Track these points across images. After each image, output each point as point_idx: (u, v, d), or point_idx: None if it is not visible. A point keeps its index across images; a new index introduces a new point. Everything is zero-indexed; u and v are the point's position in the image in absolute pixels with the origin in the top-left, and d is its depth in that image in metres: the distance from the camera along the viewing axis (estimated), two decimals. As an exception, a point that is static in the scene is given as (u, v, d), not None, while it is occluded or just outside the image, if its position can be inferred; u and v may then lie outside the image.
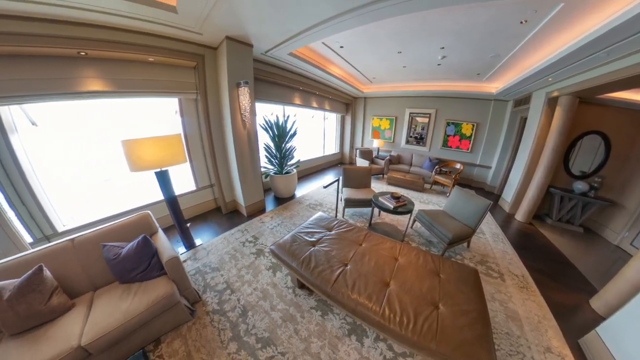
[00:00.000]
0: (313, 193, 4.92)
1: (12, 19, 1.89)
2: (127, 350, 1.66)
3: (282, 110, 5.20)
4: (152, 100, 3.19)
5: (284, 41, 2.95)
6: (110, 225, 2.06)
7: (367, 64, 4.46)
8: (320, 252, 2.03)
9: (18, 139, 2.40)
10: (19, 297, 1.50)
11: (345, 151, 8.24)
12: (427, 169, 5.88)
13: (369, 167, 4.15)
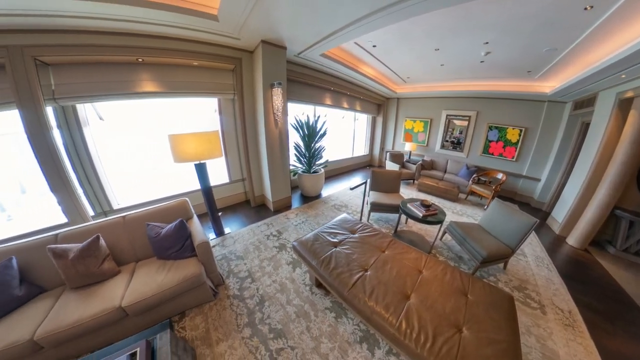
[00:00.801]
0: (339, 194, 4.91)
1: (87, 33, 2.30)
2: (156, 317, 1.89)
3: (313, 111, 5.28)
4: (195, 99, 3.56)
5: (316, 42, 3.01)
6: (154, 208, 2.36)
7: (401, 63, 4.29)
8: (341, 254, 2.01)
9: (89, 131, 2.93)
10: (79, 259, 1.82)
11: (374, 153, 8.03)
12: (463, 177, 5.38)
13: (399, 172, 4.00)
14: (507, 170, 5.32)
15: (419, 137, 6.81)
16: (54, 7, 1.90)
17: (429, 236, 3.31)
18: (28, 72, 2.21)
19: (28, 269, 1.84)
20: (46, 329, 1.53)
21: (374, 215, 3.87)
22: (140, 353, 1.28)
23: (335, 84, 5.03)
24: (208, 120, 3.79)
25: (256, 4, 2.09)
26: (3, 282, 1.66)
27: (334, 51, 3.77)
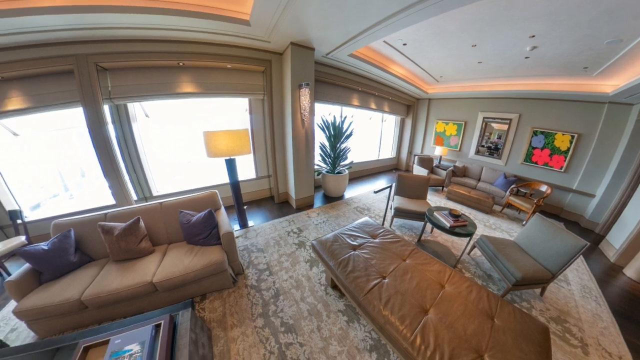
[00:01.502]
0: (362, 196, 4.84)
1: (138, 42, 2.67)
2: (181, 296, 2.06)
3: (340, 111, 5.28)
4: (228, 99, 3.82)
5: (345, 43, 3.02)
6: (187, 197, 2.59)
7: (433, 61, 4.08)
8: (360, 257, 1.98)
9: (137, 126, 3.35)
10: (122, 236, 2.09)
11: (402, 157, 7.71)
12: (499, 187, 4.89)
13: (427, 177, 3.81)
14: (553, 182, 4.67)
15: (451, 141, 6.37)
16: (113, 20, 2.22)
17: (456, 249, 3.09)
18: (91, 76, 2.63)
19: (82, 240, 2.16)
20: (91, 292, 1.79)
21: (397, 222, 3.74)
22: (164, 325, 1.41)
23: (363, 84, 4.97)
24: (239, 119, 4.01)
25: (286, 8, 2.17)
26: (62, 248, 1.98)
27: (363, 51, 3.73)
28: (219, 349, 1.72)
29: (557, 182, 4.64)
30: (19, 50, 2.37)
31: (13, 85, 2.62)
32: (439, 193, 5.33)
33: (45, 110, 2.80)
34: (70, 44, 2.46)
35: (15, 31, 2.13)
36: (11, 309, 1.82)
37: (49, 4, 1.91)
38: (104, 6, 2.00)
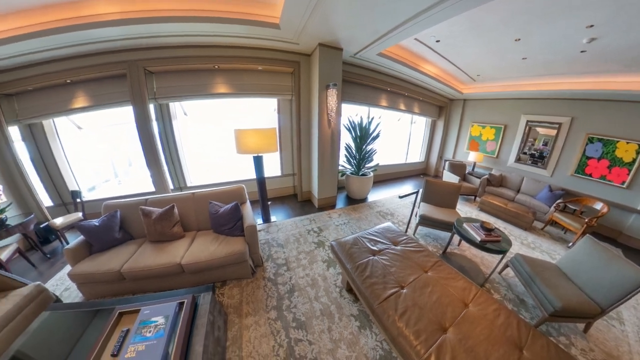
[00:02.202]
0: (386, 201, 4.70)
1: (179, 48, 2.99)
2: (204, 280, 2.22)
3: (367, 112, 5.18)
4: (258, 99, 4.03)
5: (373, 42, 2.98)
6: (216, 189, 2.78)
7: (469, 58, 3.79)
8: (379, 263, 1.92)
9: (176, 123, 3.73)
10: (159, 220, 2.33)
11: (431, 161, 7.26)
12: (542, 201, 4.34)
13: (458, 185, 3.57)
14: (611, 199, 3.94)
15: (488, 147, 5.83)
16: (159, 30, 2.54)
17: (485, 266, 2.82)
18: (140, 79, 3.03)
19: (125, 220, 2.47)
20: (129, 266, 2.04)
21: (421, 230, 3.56)
22: (187, 304, 1.52)
23: (392, 84, 4.81)
24: (268, 118, 4.19)
25: (314, 10, 2.21)
26: (109, 226, 2.29)
27: (392, 49, 3.62)
28: (232, 333, 1.82)
29: (617, 200, 3.95)
30: (83, 59, 2.83)
31: (78, 88, 3.11)
32: (471, 203, 4.94)
33: (102, 108, 3.26)
34: (123, 52, 2.88)
35: (81, 42, 2.55)
36: (66, 272, 2.14)
37: (108, 18, 2.23)
38: (153, 17, 2.27)
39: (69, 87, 3.08)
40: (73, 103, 3.15)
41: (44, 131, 3.42)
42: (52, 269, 2.66)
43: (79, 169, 3.81)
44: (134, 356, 1.20)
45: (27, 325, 1.63)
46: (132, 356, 1.20)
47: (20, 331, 1.60)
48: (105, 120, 3.91)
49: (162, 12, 2.28)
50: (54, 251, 3.03)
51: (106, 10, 2.23)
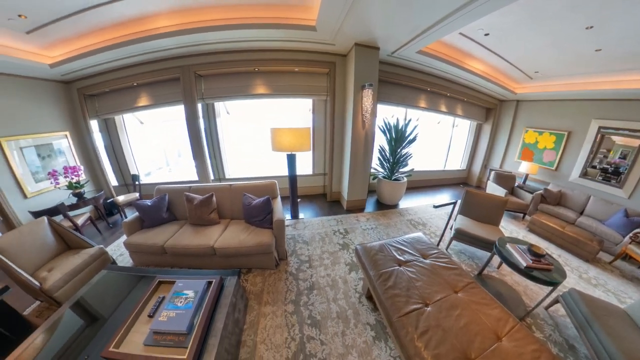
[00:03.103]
0: (419, 209, 4.43)
1: (224, 53, 3.33)
2: (232, 264, 2.41)
3: (404, 113, 4.96)
4: (294, 100, 4.20)
5: (412, 39, 2.85)
6: (251, 183, 2.99)
7: (525, 53, 3.33)
8: (404, 275, 1.81)
9: (219, 121, 4.13)
10: (199, 206, 2.61)
11: (474, 170, 6.52)
12: (614, 229, 3.49)
13: (505, 199, 3.18)
14: None
15: (545, 157, 4.97)
16: (208, 38, 2.86)
17: (529, 297, 2.38)
18: (190, 81, 3.49)
19: (172, 203, 2.82)
20: (171, 242, 2.35)
21: (455, 245, 3.25)
22: (214, 284, 1.65)
23: (433, 83, 4.51)
24: (302, 117, 4.33)
25: (350, 10, 2.21)
26: (159, 207, 2.66)
27: (433, 46, 3.39)
28: (250, 318, 1.91)
29: None
30: (146, 65, 3.42)
31: (142, 89, 3.75)
32: (518, 221, 4.33)
33: (160, 107, 3.85)
34: (178, 58, 3.36)
35: (145, 52, 3.07)
36: (122, 241, 2.58)
37: (166, 30, 2.63)
38: (203, 27, 2.59)
39: (135, 89, 3.73)
40: (137, 102, 3.79)
41: (115, 125, 4.21)
42: (112, 237, 3.26)
43: (139, 157, 4.61)
44: (165, 320, 1.34)
45: (89, 278, 1.99)
46: (164, 320, 1.35)
47: (84, 282, 1.97)
48: (162, 117, 4.60)
49: (211, 22, 2.57)
50: (115, 222, 3.71)
51: (165, 24, 2.61)
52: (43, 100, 3.40)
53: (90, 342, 1.37)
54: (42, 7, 2.13)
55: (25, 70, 2.99)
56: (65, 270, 2.04)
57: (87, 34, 2.68)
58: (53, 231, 2.31)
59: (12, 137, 3.06)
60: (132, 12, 2.42)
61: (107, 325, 1.48)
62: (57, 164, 3.48)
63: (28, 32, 2.44)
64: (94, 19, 2.42)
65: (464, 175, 6.64)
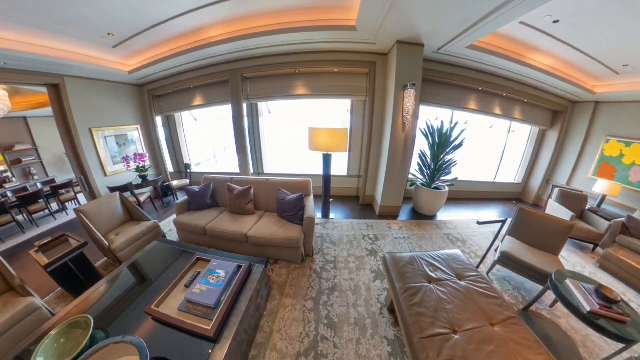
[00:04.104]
0: (459, 223, 4.02)
1: (268, 57, 3.61)
2: (261, 253, 2.55)
3: (450, 116, 4.56)
4: (332, 100, 4.27)
5: (462, 33, 2.59)
6: (287, 179, 3.14)
7: (608, 42, 2.69)
8: (434, 294, 1.66)
9: (262, 119, 4.49)
10: (238, 196, 2.84)
11: (531, 185, 5.48)
12: None
13: (570, 223, 2.61)
14: None
15: (633, 175, 3.95)
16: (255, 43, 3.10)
17: (588, 351, 1.86)
18: (238, 83, 3.88)
19: (215, 191, 3.16)
20: (211, 226, 2.62)
21: (499, 271, 2.82)
22: (243, 269, 1.77)
23: (485, 82, 4.01)
24: (340, 118, 4.33)
25: (392, 7, 2.13)
26: (205, 193, 3.02)
27: (487, 40, 3.01)
28: (271, 306, 1.99)
29: None
30: (201, 70, 3.94)
31: (197, 91, 4.35)
32: (586, 253, 3.50)
33: (211, 106, 4.40)
34: (227, 63, 3.76)
35: (200, 58, 3.53)
36: (172, 219, 3.01)
37: (218, 38, 2.97)
38: (250, 34, 2.85)
39: (191, 91, 4.36)
40: (193, 102, 4.41)
41: (175, 121, 5.02)
42: (165, 215, 3.91)
43: (191, 149, 5.40)
44: (198, 292, 1.50)
45: (144, 246, 2.45)
46: (197, 292, 1.50)
47: (140, 249, 2.42)
48: (212, 115, 5.23)
49: (256, 28, 2.81)
50: (168, 203, 4.49)
51: (217, 33, 2.96)
52: (122, 100, 4.27)
53: (138, 297, 1.64)
54: (124, 26, 2.64)
55: (111, 76, 3.79)
56: (127, 237, 2.52)
57: (156, 46, 3.22)
58: (122, 204, 2.88)
59: (101, 128, 3.93)
60: (191, 25, 2.77)
61: (152, 287, 1.75)
62: (130, 151, 4.34)
63: (114, 46, 3.04)
64: (162, 33, 2.87)
65: (518, 190, 5.70)
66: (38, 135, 5.47)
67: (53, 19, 2.28)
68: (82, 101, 3.63)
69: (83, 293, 1.71)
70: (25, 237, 3.70)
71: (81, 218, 2.43)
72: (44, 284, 2.32)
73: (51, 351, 1.20)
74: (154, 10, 2.38)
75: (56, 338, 1.25)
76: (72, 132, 3.55)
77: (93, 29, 2.58)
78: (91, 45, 2.93)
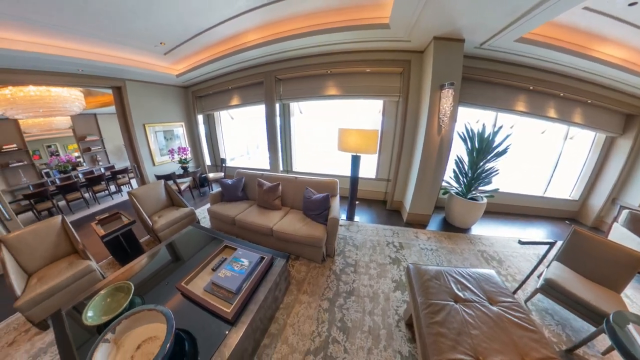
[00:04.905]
0: (497, 240, 3.57)
1: (300, 59, 3.74)
2: (283, 248, 2.62)
3: (494, 118, 4.14)
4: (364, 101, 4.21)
5: (511, 24, 2.30)
6: (314, 178, 3.18)
7: None
8: (459, 315, 1.48)
9: (293, 119, 4.65)
10: (267, 191, 2.98)
11: (591, 203, 4.51)
12: None
13: (640, 255, 2.19)
14: None
15: None
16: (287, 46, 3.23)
17: None
18: (271, 85, 4.10)
19: (246, 185, 3.39)
20: (240, 217, 2.82)
21: (541, 301, 2.38)
22: (266, 261, 1.84)
23: (538, 80, 3.47)
24: (371, 119, 4.24)
25: (428, 0, 2.01)
26: (237, 186, 3.28)
27: (541, 30, 2.60)
28: (287, 300, 2.04)
29: None
30: (238, 72, 4.29)
31: (234, 92, 4.74)
32: None
33: (246, 106, 4.75)
34: (262, 66, 4.01)
35: (238, 62, 3.81)
36: (206, 207, 3.31)
37: (254, 43, 3.16)
38: (283, 37, 2.97)
39: (229, 92, 4.75)
40: (230, 102, 4.81)
41: (214, 119, 5.55)
42: (201, 203, 4.41)
43: (227, 145, 5.93)
44: (223, 277, 1.60)
45: (181, 229, 2.79)
46: (222, 276, 1.61)
47: (177, 231, 2.80)
48: (247, 114, 5.62)
49: (290, 31, 2.90)
50: (204, 193, 5.06)
51: (253, 38, 3.16)
52: (170, 100, 4.92)
53: (171, 274, 1.86)
54: (173, 36, 3.01)
55: (162, 79, 4.38)
56: (168, 219, 2.89)
57: (199, 52, 3.60)
58: (165, 191, 3.32)
59: (152, 124, 4.55)
60: (230, 32, 3.01)
61: (184, 266, 1.97)
62: (174, 145, 4.96)
63: (165, 53, 3.50)
64: (204, 40, 3.19)
65: (573, 208, 4.76)
66: (104, 128, 6.78)
67: (117, 33, 2.72)
68: (138, 101, 4.26)
69: (128, 263, 2.02)
70: (89, 211, 4.62)
71: (132, 200, 2.88)
72: (99, 252, 2.81)
73: (99, 307, 1.45)
74: (198, 20, 2.66)
75: (104, 297, 1.50)
76: (129, 126, 4.18)
77: (149, 40, 3.01)
78: (147, 53, 3.41)
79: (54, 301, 1.86)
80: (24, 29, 2.34)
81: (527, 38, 2.64)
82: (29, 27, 2.33)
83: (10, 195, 4.93)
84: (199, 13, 2.48)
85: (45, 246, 2.17)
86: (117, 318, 1.28)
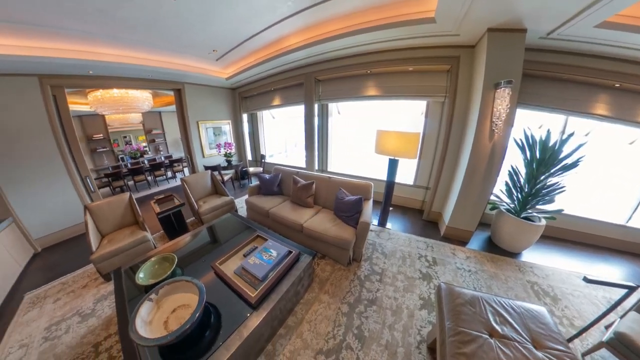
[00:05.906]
0: (554, 272, 2.85)
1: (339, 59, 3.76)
2: (311, 245, 2.67)
3: (563, 123, 3.41)
4: (405, 101, 3.98)
5: (588, 6, 1.84)
6: (348, 180, 3.16)
7: None
8: (492, 352, 1.27)
9: (331, 120, 4.71)
10: (301, 189, 3.08)
11: None
12: None
13: None
14: None
15: None
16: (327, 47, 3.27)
17: None
18: (311, 86, 4.23)
19: (282, 181, 3.61)
20: (273, 210, 3.01)
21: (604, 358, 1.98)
22: (293, 255, 1.89)
23: (626, 75, 2.72)
24: (413, 121, 3.98)
25: None
26: (273, 181, 3.52)
27: (630, 12, 2.04)
28: (308, 297, 2.06)
29: None
30: (280, 74, 4.53)
31: (276, 93, 5.07)
32: None
33: (286, 106, 5.00)
34: (303, 67, 4.14)
35: (280, 64, 3.96)
36: (245, 198, 3.67)
37: (295, 46, 3.27)
38: (324, 39, 2.99)
39: (271, 93, 5.09)
40: (272, 102, 5.14)
41: (257, 118, 6.03)
42: (240, 194, 4.96)
43: (268, 142, 6.41)
44: (252, 264, 1.71)
45: (220, 215, 3.11)
46: (251, 263, 1.72)
47: (217, 217, 3.08)
48: (287, 114, 5.95)
49: (330, 32, 2.91)
50: (244, 185, 5.65)
51: (294, 41, 3.27)
52: (220, 101, 5.54)
53: (208, 253, 2.11)
54: (224, 43, 3.29)
55: (214, 82, 4.97)
56: (211, 205, 3.25)
57: (246, 57, 3.91)
58: (211, 180, 3.77)
59: (204, 121, 5.23)
60: (273, 36, 3.17)
61: (220, 248, 2.22)
62: (221, 140, 5.58)
63: (217, 59, 3.93)
64: (250, 46, 3.44)
65: None
66: (166, 124, 8.26)
67: (179, 44, 3.19)
68: (193, 101, 4.96)
69: (175, 238, 2.41)
70: (149, 191, 5.80)
71: (184, 185, 3.37)
72: (154, 225, 3.37)
73: (148, 271, 1.75)
74: (246, 28, 2.89)
75: (153, 263, 1.81)
76: (186, 123, 4.87)
77: (204, 48, 3.42)
78: (202, 59, 3.91)
79: (116, 260, 2.33)
80: (112, 45, 2.96)
81: (612, 22, 2.10)
82: (115, 44, 2.92)
83: (95, 173, 6.34)
84: (246, 21, 2.69)
85: (115, 215, 2.74)
86: (160, 283, 1.51)
